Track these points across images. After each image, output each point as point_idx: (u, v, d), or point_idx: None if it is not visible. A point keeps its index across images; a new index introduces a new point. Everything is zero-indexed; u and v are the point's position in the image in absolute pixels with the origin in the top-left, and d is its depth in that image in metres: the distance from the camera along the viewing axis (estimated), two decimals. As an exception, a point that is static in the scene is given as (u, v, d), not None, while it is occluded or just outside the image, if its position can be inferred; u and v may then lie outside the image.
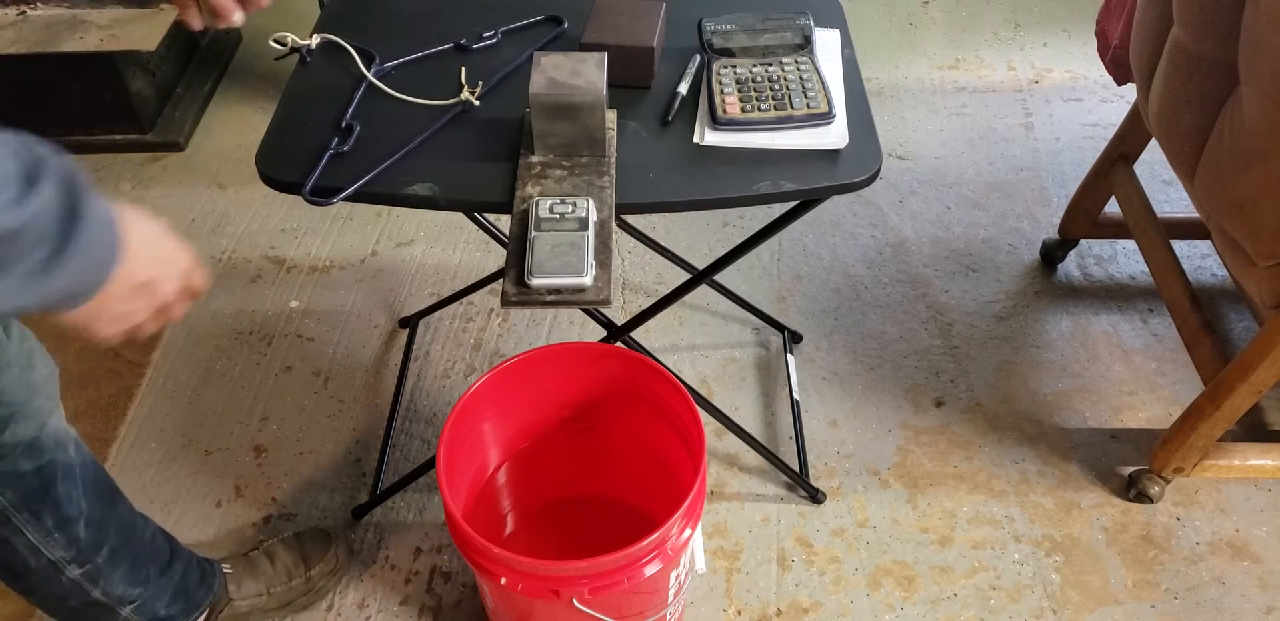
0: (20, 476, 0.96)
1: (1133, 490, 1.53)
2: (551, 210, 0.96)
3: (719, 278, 1.79)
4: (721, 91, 1.08)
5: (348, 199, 0.98)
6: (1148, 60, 1.39)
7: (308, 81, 1.14)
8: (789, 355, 1.71)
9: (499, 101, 1.10)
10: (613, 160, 1.03)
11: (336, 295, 1.84)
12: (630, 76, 1.12)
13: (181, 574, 1.20)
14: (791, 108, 1.06)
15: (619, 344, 1.30)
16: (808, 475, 1.55)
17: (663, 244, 1.76)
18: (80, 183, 0.59)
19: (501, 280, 0.93)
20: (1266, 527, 1.51)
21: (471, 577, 1.43)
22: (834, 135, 1.05)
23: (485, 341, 1.76)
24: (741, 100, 1.07)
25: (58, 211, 0.57)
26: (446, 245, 1.94)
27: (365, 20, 1.22)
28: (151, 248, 0.69)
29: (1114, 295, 1.86)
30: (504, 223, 1.42)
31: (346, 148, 1.03)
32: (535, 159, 1.03)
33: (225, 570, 1.30)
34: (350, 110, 1.08)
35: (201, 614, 1.25)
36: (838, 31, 1.21)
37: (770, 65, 1.11)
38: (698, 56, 1.16)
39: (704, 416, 1.14)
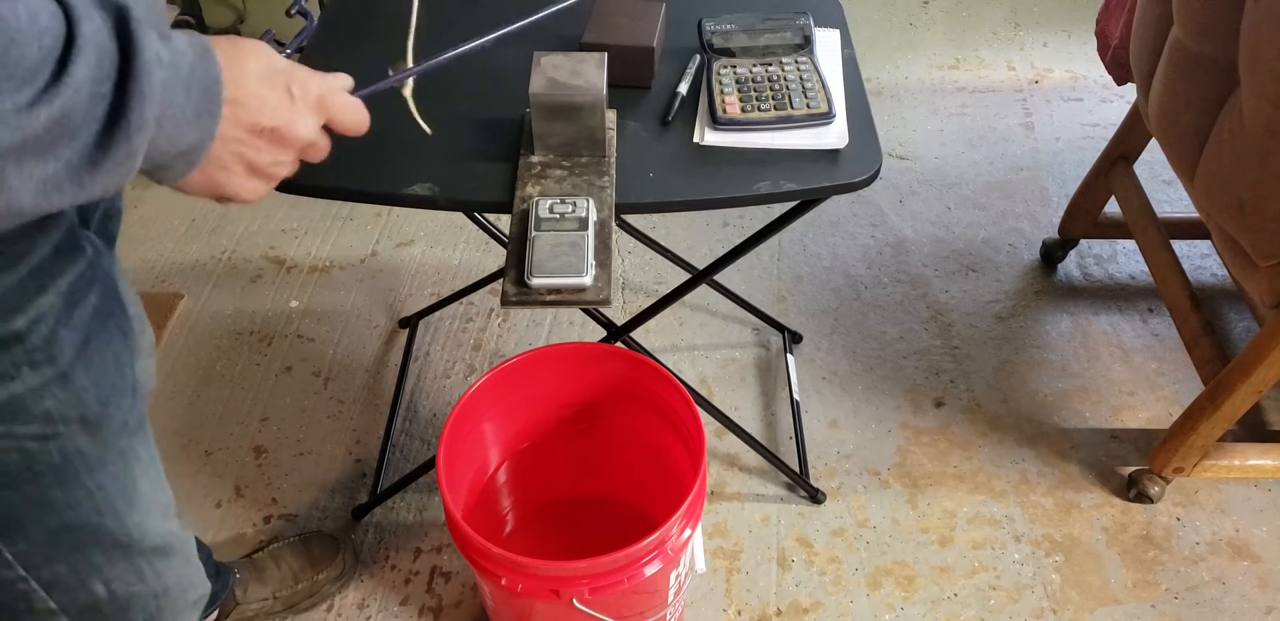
0: None
1: (1133, 490, 1.53)
2: (551, 210, 0.96)
3: (719, 277, 1.79)
4: (721, 91, 1.08)
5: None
6: (1148, 60, 1.39)
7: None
8: (789, 355, 1.71)
9: (499, 101, 1.10)
10: (613, 160, 1.03)
11: (336, 295, 1.84)
12: (630, 76, 1.12)
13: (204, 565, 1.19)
14: (791, 108, 1.06)
15: (619, 344, 1.30)
16: (808, 475, 1.55)
17: (663, 244, 1.76)
18: (131, 26, 0.51)
19: (501, 280, 0.93)
20: (1266, 527, 1.51)
21: (471, 577, 1.43)
22: (834, 135, 1.05)
23: (485, 341, 1.76)
24: (741, 100, 1.07)
25: (100, 75, 0.49)
26: (446, 245, 1.94)
27: (365, 20, 1.22)
28: (265, 84, 0.60)
29: (1114, 295, 1.86)
30: (504, 223, 1.42)
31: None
32: (535, 159, 1.03)
33: (235, 574, 1.30)
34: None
35: (213, 613, 1.25)
36: (838, 31, 1.21)
37: (770, 65, 1.11)
38: (698, 56, 1.16)
39: (704, 416, 1.14)
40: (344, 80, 0.70)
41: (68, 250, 0.67)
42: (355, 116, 0.68)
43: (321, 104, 0.64)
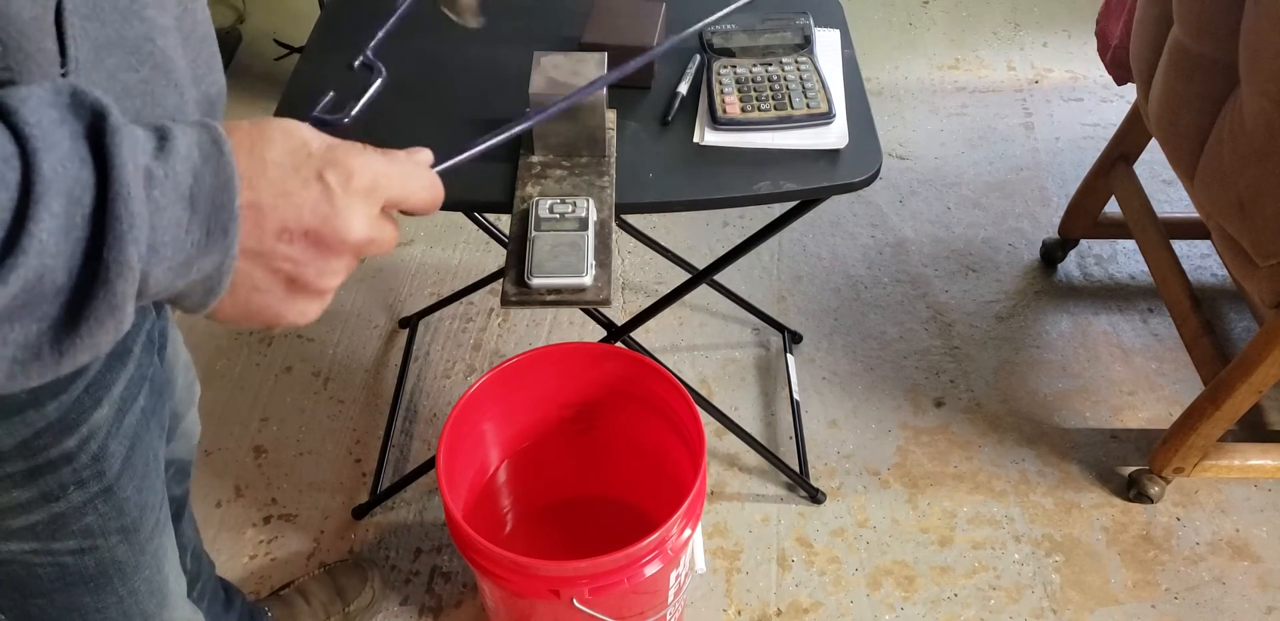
0: (169, 501, 0.88)
1: (1133, 490, 1.53)
2: (551, 210, 0.96)
3: (719, 277, 1.79)
4: (721, 91, 1.08)
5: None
6: (1148, 60, 1.39)
7: (307, 81, 1.14)
8: (789, 355, 1.71)
9: (499, 101, 1.10)
10: (613, 160, 1.03)
11: (336, 295, 1.83)
12: (630, 76, 1.12)
13: (240, 613, 1.18)
14: (791, 108, 1.06)
15: (619, 344, 1.30)
16: (808, 475, 1.55)
17: (663, 244, 1.76)
18: (108, 138, 0.39)
19: (501, 280, 0.93)
20: (1266, 527, 1.51)
21: (471, 577, 1.43)
22: (834, 135, 1.05)
23: (485, 341, 1.76)
24: (741, 100, 1.07)
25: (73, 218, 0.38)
26: (446, 245, 1.94)
27: (365, 20, 1.22)
28: (290, 175, 0.45)
29: (1114, 295, 1.86)
30: (504, 223, 1.42)
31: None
32: (535, 159, 1.03)
33: (267, 613, 1.28)
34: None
35: None
36: (838, 31, 1.21)
37: (770, 65, 1.11)
38: (698, 56, 1.16)
39: (704, 416, 1.14)
40: (420, 155, 0.55)
41: (120, 354, 0.63)
42: (427, 190, 0.52)
43: (374, 188, 0.48)
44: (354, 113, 0.60)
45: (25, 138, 0.37)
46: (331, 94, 0.63)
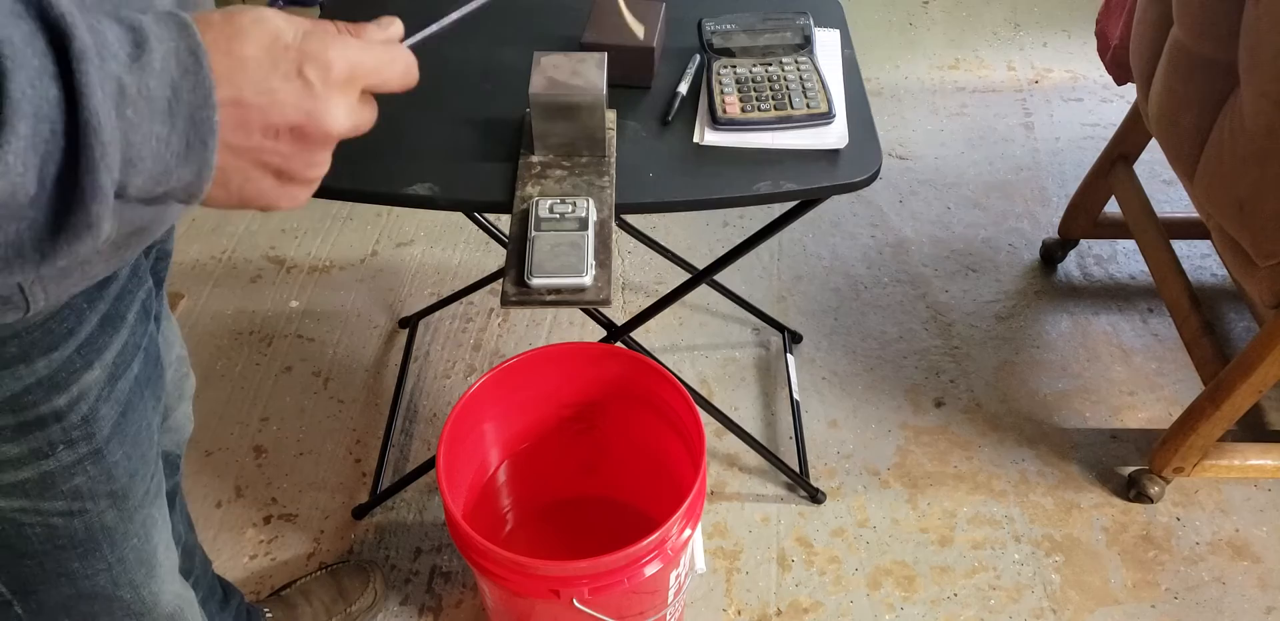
0: None
1: (1133, 490, 1.53)
2: (551, 210, 0.96)
3: (719, 277, 1.79)
4: (721, 91, 1.08)
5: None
6: (1148, 60, 1.39)
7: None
8: (789, 355, 1.71)
9: (499, 101, 1.10)
10: (613, 160, 1.03)
11: (336, 295, 1.84)
12: (630, 76, 1.12)
13: (235, 612, 1.18)
14: (791, 108, 1.06)
15: (619, 344, 1.30)
16: (808, 475, 1.55)
17: (663, 244, 1.76)
18: (74, 64, 0.39)
19: (501, 280, 0.93)
20: (1267, 527, 1.51)
21: (471, 577, 1.43)
22: (834, 135, 1.05)
23: (485, 341, 1.76)
24: (741, 100, 1.07)
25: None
26: (446, 245, 1.94)
27: (365, 20, 1.22)
28: (271, 72, 0.45)
29: (1114, 295, 1.86)
30: (504, 223, 1.42)
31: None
32: (535, 159, 1.03)
33: (266, 613, 1.28)
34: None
35: None
36: (838, 31, 1.21)
37: (770, 65, 1.11)
38: (698, 56, 1.16)
39: (704, 416, 1.14)
40: (392, 28, 0.55)
41: (113, 319, 0.64)
42: (402, 75, 0.52)
43: (353, 77, 0.49)
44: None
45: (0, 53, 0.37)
46: None
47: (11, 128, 0.37)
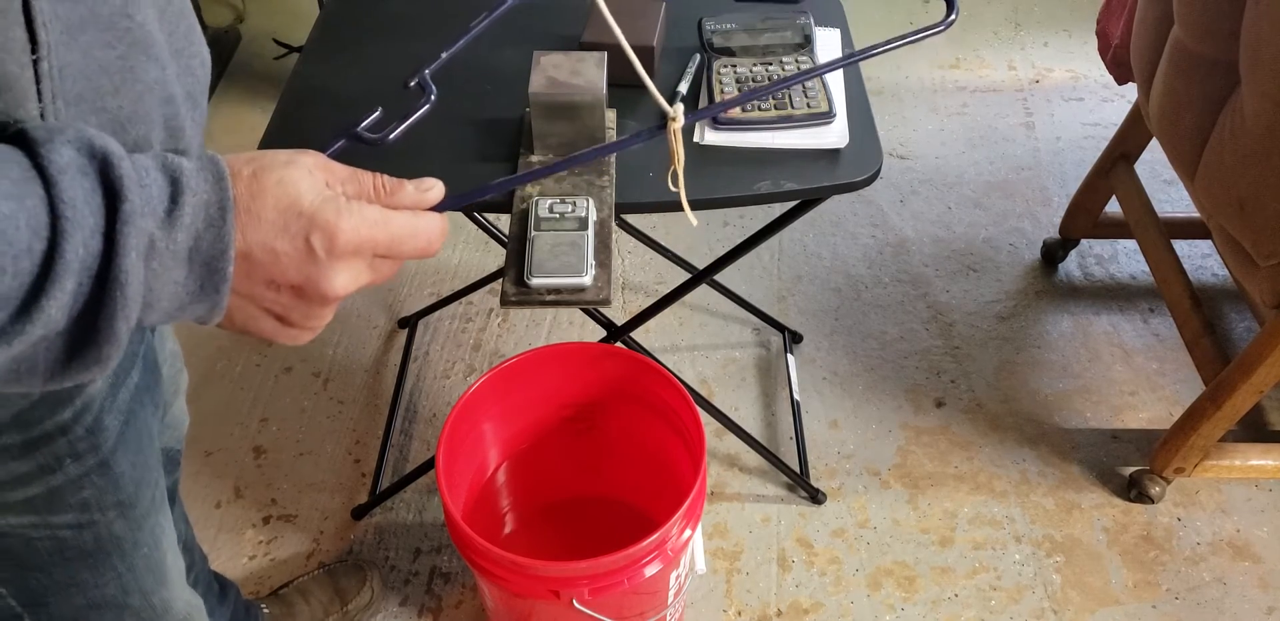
0: None
1: (1133, 490, 1.53)
2: (551, 210, 0.95)
3: (719, 277, 1.79)
4: (722, 91, 1.08)
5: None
6: (1148, 60, 1.39)
7: (307, 81, 1.14)
8: (789, 355, 1.70)
9: (499, 101, 1.10)
10: (613, 160, 1.03)
11: (336, 295, 1.84)
12: (630, 76, 1.12)
13: (233, 606, 1.18)
14: (792, 107, 1.06)
15: (619, 344, 1.30)
16: (808, 475, 1.55)
17: (663, 244, 1.76)
18: (117, 228, 0.42)
19: (501, 280, 0.93)
20: (1267, 528, 1.50)
21: (471, 578, 1.43)
22: (834, 135, 1.05)
23: (485, 341, 1.76)
24: (742, 100, 1.07)
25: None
26: (446, 245, 1.94)
27: (365, 20, 1.22)
28: (280, 233, 0.48)
29: (1115, 295, 1.86)
30: (504, 222, 1.42)
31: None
32: (535, 159, 1.03)
33: (263, 609, 1.28)
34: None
35: None
36: (838, 31, 1.21)
37: (770, 64, 1.11)
38: (698, 56, 1.16)
39: (704, 416, 1.14)
40: (430, 193, 0.55)
41: None
42: (419, 250, 0.53)
43: (359, 249, 0.50)
44: (394, 135, 0.61)
45: (59, 216, 0.40)
46: (380, 111, 0.64)
47: (60, 284, 0.40)
